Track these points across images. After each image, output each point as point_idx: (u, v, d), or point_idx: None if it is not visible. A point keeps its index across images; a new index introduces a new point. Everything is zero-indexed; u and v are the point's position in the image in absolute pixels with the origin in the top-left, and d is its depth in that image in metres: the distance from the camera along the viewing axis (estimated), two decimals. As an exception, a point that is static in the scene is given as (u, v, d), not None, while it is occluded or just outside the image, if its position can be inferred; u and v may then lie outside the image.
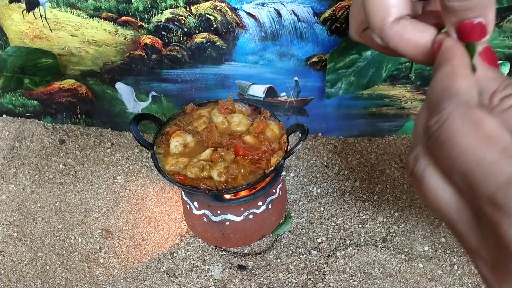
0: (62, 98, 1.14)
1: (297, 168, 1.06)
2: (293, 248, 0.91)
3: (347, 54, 0.96)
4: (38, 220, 0.98)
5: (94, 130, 1.17)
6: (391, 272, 0.85)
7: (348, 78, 0.97)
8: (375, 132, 1.10)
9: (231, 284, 0.85)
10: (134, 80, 1.08)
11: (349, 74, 0.97)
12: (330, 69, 0.97)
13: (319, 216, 0.96)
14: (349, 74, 0.97)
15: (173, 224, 0.96)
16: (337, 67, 0.98)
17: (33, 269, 0.90)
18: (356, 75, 0.98)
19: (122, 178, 1.06)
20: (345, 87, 1.00)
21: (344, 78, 0.98)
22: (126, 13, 0.99)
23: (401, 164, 1.05)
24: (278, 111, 1.09)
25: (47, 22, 1.02)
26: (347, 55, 0.96)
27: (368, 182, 1.02)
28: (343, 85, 0.99)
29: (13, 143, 1.13)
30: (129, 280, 0.87)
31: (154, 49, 1.02)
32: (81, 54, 1.06)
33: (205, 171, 0.78)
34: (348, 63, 0.97)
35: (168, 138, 0.84)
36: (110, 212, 0.99)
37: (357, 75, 0.98)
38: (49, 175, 1.07)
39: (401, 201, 0.98)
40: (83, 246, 0.93)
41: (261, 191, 0.82)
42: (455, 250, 0.88)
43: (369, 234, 0.92)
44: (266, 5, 0.95)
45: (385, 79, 1.00)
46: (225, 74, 1.05)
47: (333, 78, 0.99)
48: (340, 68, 0.98)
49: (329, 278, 0.84)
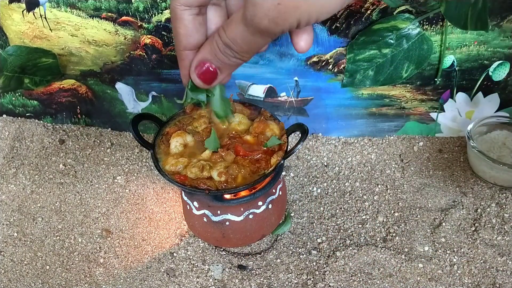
0: (62, 98, 1.14)
1: (297, 168, 1.06)
2: (293, 248, 0.91)
3: (367, 48, 0.97)
4: (38, 220, 0.98)
5: (94, 130, 1.17)
6: (391, 272, 0.85)
7: (366, 71, 0.98)
8: (375, 132, 1.10)
9: (231, 284, 0.85)
10: (134, 80, 1.08)
11: (367, 68, 0.98)
12: (349, 60, 0.98)
13: (319, 216, 0.96)
14: (367, 68, 0.98)
15: (173, 224, 0.96)
16: (356, 59, 0.98)
17: (33, 269, 0.90)
18: (374, 70, 0.99)
19: (122, 178, 1.06)
20: (361, 79, 1.00)
21: (362, 71, 0.98)
22: (126, 13, 0.99)
23: (401, 164, 1.05)
24: (278, 111, 1.09)
25: (47, 22, 1.02)
26: (367, 49, 0.97)
27: (368, 182, 1.02)
28: (360, 77, 1.00)
29: (13, 143, 1.13)
30: (129, 280, 0.87)
31: (154, 49, 1.02)
32: (81, 54, 1.06)
33: (205, 171, 0.78)
34: (367, 57, 0.98)
35: (168, 138, 0.84)
36: (110, 212, 0.99)
37: (375, 70, 0.99)
38: (49, 175, 1.07)
39: (401, 201, 0.98)
40: (83, 246, 0.93)
41: (261, 191, 0.82)
42: (455, 250, 0.88)
43: (369, 234, 0.92)
44: (266, 5, 0.95)
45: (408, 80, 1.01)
46: (225, 74, 1.04)
47: (351, 69, 0.99)
48: (359, 61, 0.98)
49: (329, 278, 0.84)
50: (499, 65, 0.98)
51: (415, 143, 1.09)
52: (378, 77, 1.00)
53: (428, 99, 1.05)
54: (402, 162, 1.06)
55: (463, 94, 1.04)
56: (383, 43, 0.96)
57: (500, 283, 0.82)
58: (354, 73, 1.00)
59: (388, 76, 0.99)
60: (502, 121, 1.03)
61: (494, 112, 1.05)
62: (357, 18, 0.95)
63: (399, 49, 0.96)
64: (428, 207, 0.96)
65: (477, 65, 0.99)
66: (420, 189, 1.00)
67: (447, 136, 1.10)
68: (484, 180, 1.00)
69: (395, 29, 0.94)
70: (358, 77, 1.00)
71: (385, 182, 1.02)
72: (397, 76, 0.99)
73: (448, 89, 1.03)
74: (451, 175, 1.02)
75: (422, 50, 0.96)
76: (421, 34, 0.95)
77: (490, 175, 0.98)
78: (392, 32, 0.94)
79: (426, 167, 1.04)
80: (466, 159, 1.04)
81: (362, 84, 1.01)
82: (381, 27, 0.94)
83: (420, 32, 0.94)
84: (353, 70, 0.99)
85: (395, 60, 0.97)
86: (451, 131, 1.10)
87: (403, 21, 0.94)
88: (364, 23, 0.95)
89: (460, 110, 1.06)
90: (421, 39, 0.95)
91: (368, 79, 1.00)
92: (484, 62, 0.98)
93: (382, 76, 0.99)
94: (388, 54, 0.97)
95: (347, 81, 1.01)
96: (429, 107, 1.06)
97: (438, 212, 0.95)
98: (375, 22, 0.94)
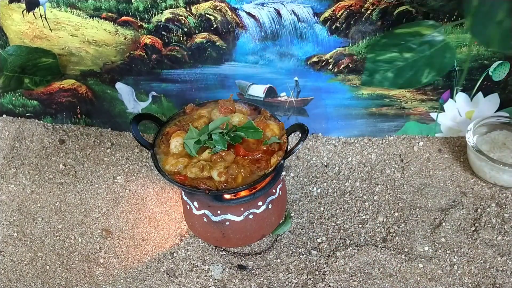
0: (62, 98, 1.14)
1: (297, 168, 1.06)
2: (293, 248, 0.91)
3: (388, 50, 0.97)
4: (38, 220, 0.98)
5: (94, 130, 1.17)
6: (391, 272, 0.85)
7: (386, 73, 0.99)
8: (375, 132, 1.10)
9: (231, 284, 0.85)
10: (134, 80, 1.08)
11: (387, 70, 0.99)
12: (370, 59, 0.99)
13: (319, 216, 0.96)
14: (387, 70, 0.99)
15: (173, 224, 0.96)
16: (377, 60, 0.99)
17: (33, 269, 0.90)
18: (394, 72, 0.99)
19: (122, 178, 1.06)
20: (380, 80, 1.01)
21: (382, 72, 0.99)
22: (126, 13, 0.99)
23: (401, 164, 1.05)
24: (278, 111, 1.09)
25: (47, 22, 1.02)
26: (388, 51, 0.97)
27: (368, 182, 1.02)
28: (379, 77, 1.00)
29: (13, 143, 1.13)
30: (129, 280, 0.87)
31: (154, 49, 1.02)
32: (81, 54, 1.06)
33: (205, 171, 0.78)
34: (388, 58, 0.98)
35: (168, 138, 0.84)
36: (110, 212, 0.99)
37: (395, 72, 0.99)
38: (49, 175, 1.07)
39: (401, 201, 0.98)
40: (83, 246, 0.93)
41: (261, 191, 0.82)
42: (455, 250, 0.88)
43: (369, 234, 0.92)
44: (266, 5, 0.95)
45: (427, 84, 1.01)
46: (225, 74, 1.05)
47: (371, 68, 1.00)
48: (380, 61, 0.99)
49: (329, 278, 0.84)
50: (499, 65, 0.98)
51: (415, 143, 1.09)
52: (397, 80, 1.00)
53: (428, 99, 1.05)
54: (402, 162, 1.06)
55: (463, 94, 1.04)
56: (405, 47, 0.96)
57: (500, 283, 0.82)
58: (374, 72, 1.00)
59: (408, 80, 1.00)
60: (502, 121, 1.03)
61: (494, 112, 1.05)
62: (357, 18, 0.95)
63: (421, 55, 0.96)
64: (428, 207, 0.96)
65: (477, 65, 0.99)
66: (420, 189, 1.00)
67: (447, 136, 1.10)
68: (484, 180, 1.00)
69: (418, 35, 0.95)
70: (377, 77, 1.00)
71: (385, 182, 1.02)
72: (417, 81, 1.00)
73: (448, 89, 1.03)
74: (451, 175, 1.02)
75: (444, 58, 0.97)
76: (444, 42, 0.95)
77: (490, 175, 0.98)
78: (414, 37, 0.95)
79: (426, 167, 1.04)
80: (466, 159, 1.04)
81: (381, 85, 1.01)
82: (404, 31, 0.95)
83: (443, 39, 0.95)
84: (372, 70, 1.00)
85: (416, 65, 0.98)
86: (451, 131, 1.10)
87: (427, 27, 0.94)
88: (364, 23, 0.95)
89: (460, 110, 1.06)
90: (444, 47, 0.95)
91: (387, 81, 1.00)
92: (484, 62, 0.98)
93: (401, 79, 1.00)
94: (410, 58, 0.97)
95: (366, 80, 1.01)
96: (429, 107, 1.06)
97: (438, 212, 0.95)
98: (398, 26, 0.94)
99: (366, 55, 0.98)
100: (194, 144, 0.80)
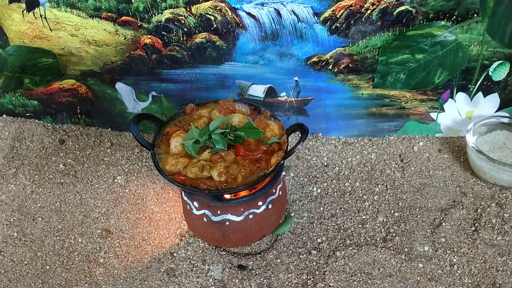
0: (62, 98, 1.14)
1: (297, 168, 1.06)
2: (293, 248, 0.91)
3: (400, 52, 0.97)
4: (38, 220, 0.98)
5: (94, 130, 1.17)
6: (391, 272, 0.85)
7: (398, 74, 0.99)
8: (375, 132, 1.10)
9: (231, 284, 0.85)
10: (134, 80, 1.08)
11: (399, 71, 0.99)
12: (382, 62, 0.99)
13: (319, 216, 0.96)
14: (399, 71, 0.99)
15: (173, 224, 0.96)
16: (389, 62, 0.99)
17: (33, 269, 0.90)
18: (406, 74, 0.99)
19: (122, 178, 1.06)
20: (393, 82, 1.01)
21: (394, 74, 0.99)
22: (126, 13, 0.99)
23: (401, 164, 1.05)
24: (278, 111, 1.09)
25: (47, 22, 1.02)
26: (400, 53, 0.97)
27: (368, 182, 1.02)
28: (391, 79, 1.01)
29: (13, 143, 1.13)
30: (129, 280, 0.87)
31: (154, 49, 1.03)
32: (81, 54, 1.06)
33: (205, 171, 0.78)
34: (400, 60, 0.98)
35: (168, 138, 0.84)
36: (110, 212, 0.99)
37: (407, 74, 0.99)
38: (49, 175, 1.07)
39: (401, 201, 0.98)
40: (83, 246, 0.93)
41: (261, 191, 0.82)
42: (455, 250, 0.88)
43: (369, 234, 0.92)
44: (266, 5, 0.95)
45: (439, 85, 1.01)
46: (225, 74, 1.05)
47: (383, 71, 1.00)
48: (392, 64, 0.99)
49: (329, 278, 0.84)
50: (499, 65, 0.98)
51: (415, 143, 1.09)
52: (410, 81, 1.00)
53: (428, 99, 1.05)
54: (402, 162, 1.06)
55: (463, 94, 1.04)
56: (417, 48, 0.96)
57: (500, 283, 0.82)
58: (386, 75, 1.00)
59: (420, 80, 1.00)
60: (502, 121, 1.03)
61: (494, 112, 1.05)
62: (357, 18, 0.95)
63: (433, 55, 0.96)
64: (428, 207, 0.96)
65: (477, 65, 0.99)
66: (420, 189, 1.00)
67: (447, 136, 1.10)
68: (484, 180, 1.00)
69: (430, 36, 0.95)
70: (389, 79, 1.00)
71: (385, 182, 1.02)
72: (429, 81, 1.00)
73: (448, 89, 1.03)
74: (451, 175, 1.02)
75: (457, 57, 0.97)
76: (457, 42, 0.95)
77: (490, 175, 0.98)
78: (426, 39, 0.95)
79: (426, 167, 1.04)
80: (466, 159, 1.04)
81: (393, 87, 1.02)
82: (416, 33, 0.95)
83: (456, 39, 0.95)
84: (384, 72, 1.00)
85: (428, 66, 0.98)
86: (451, 131, 1.10)
87: (439, 28, 0.94)
88: (364, 23, 0.95)
89: (460, 110, 1.06)
90: (456, 46, 0.95)
91: (399, 82, 1.01)
92: (484, 62, 0.98)
93: (413, 81, 1.00)
94: (422, 59, 0.97)
95: (378, 82, 1.01)
96: (429, 107, 1.06)
97: (438, 212, 0.95)
98: (410, 28, 0.95)
99: (378, 57, 0.98)
100: (193, 144, 0.80)
